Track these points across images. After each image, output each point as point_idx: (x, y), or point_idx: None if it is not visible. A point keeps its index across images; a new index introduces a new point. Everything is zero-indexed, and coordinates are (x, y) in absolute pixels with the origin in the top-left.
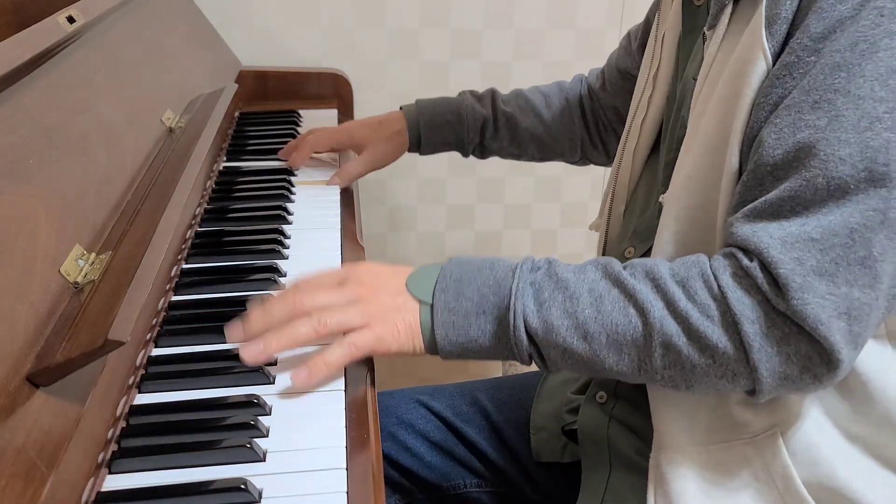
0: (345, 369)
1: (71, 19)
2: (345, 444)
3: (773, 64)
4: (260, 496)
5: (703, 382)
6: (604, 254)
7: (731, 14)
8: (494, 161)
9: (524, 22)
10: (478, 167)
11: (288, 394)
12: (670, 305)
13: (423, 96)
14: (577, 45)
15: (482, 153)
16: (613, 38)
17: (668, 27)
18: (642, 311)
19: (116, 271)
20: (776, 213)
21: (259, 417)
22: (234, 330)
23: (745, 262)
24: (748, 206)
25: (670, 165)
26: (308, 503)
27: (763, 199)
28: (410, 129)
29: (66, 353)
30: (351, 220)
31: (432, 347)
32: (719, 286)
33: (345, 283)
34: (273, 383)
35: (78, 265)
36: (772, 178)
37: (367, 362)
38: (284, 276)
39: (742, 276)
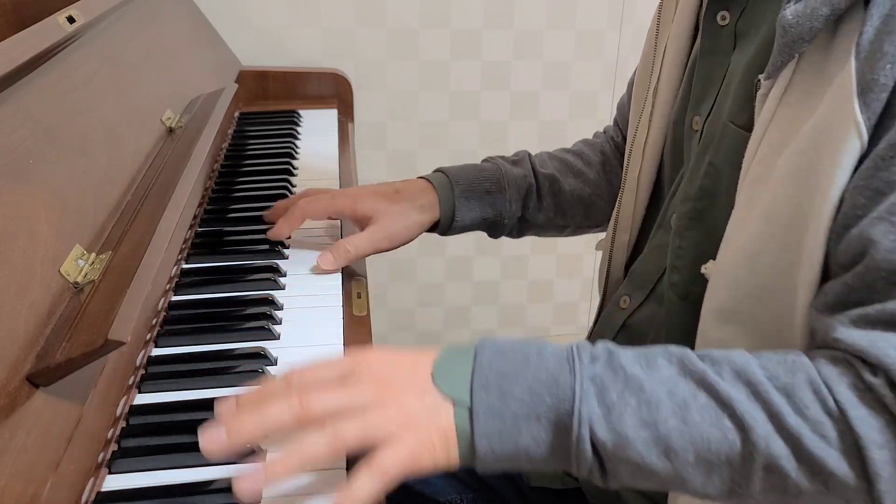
0: None
1: (71, 19)
2: None
3: (870, 139)
4: (260, 496)
5: None
6: (607, 281)
7: (796, 65)
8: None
9: (524, 22)
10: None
11: None
12: (776, 420)
13: (424, 96)
14: (577, 45)
15: (521, 230)
16: (613, 38)
17: (672, 38)
18: (742, 427)
19: (116, 271)
20: None
21: None
22: (210, 436)
23: (868, 376)
24: (857, 311)
25: (698, 219)
26: (308, 503)
27: (880, 306)
28: (443, 203)
29: (66, 353)
30: None
31: (469, 459)
32: (836, 401)
33: (354, 378)
34: None
35: (78, 265)
36: (887, 283)
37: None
38: (284, 275)
39: (864, 390)
